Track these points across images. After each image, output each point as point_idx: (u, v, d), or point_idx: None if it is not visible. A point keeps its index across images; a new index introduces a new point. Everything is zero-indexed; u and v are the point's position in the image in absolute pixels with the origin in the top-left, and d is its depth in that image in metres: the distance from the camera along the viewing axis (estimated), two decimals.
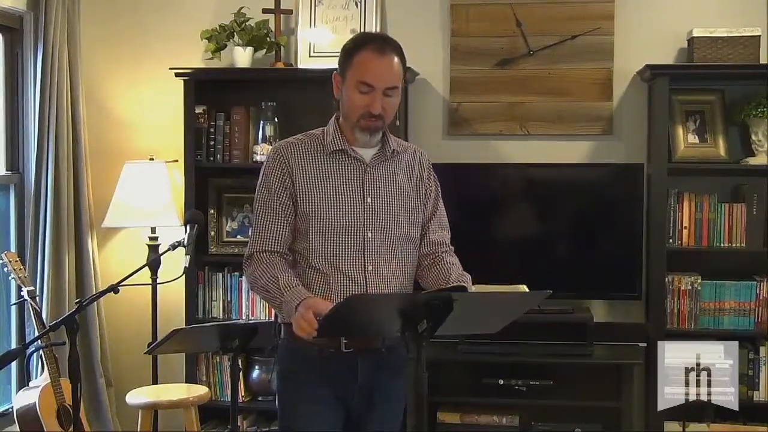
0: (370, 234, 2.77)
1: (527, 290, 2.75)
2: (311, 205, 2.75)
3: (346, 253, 2.75)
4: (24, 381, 4.15)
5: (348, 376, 2.77)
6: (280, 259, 2.78)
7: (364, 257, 2.76)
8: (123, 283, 3.05)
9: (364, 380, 2.78)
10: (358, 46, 2.77)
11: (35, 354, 4.09)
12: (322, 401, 2.78)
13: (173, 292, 4.45)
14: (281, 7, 4.57)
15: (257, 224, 2.82)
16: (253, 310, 4.53)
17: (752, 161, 4.30)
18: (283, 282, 2.71)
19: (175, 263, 3.89)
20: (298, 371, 2.81)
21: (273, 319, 2.99)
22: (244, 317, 4.51)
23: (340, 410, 2.81)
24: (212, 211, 4.58)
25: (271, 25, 4.56)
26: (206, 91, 4.52)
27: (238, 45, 4.51)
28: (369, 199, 2.78)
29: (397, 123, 2.83)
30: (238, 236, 4.59)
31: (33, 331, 4.03)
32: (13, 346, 4.32)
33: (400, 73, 2.78)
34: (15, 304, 4.24)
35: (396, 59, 2.76)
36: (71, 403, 3.03)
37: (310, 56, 4.58)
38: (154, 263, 4.21)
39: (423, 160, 2.94)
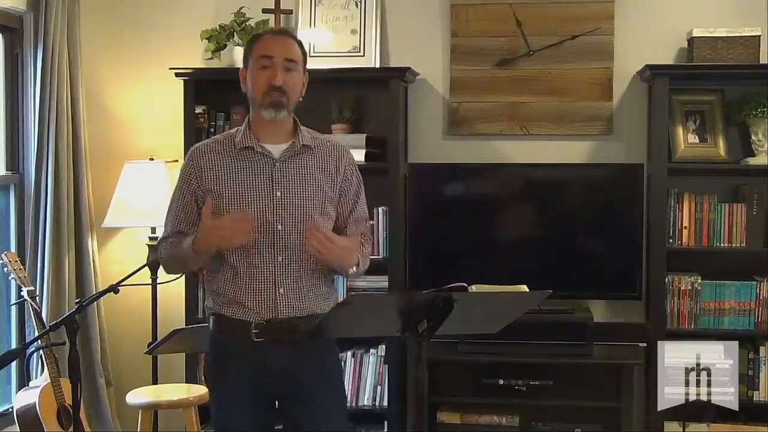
0: (280, 227, 2.82)
1: (527, 290, 2.75)
2: (223, 201, 2.83)
3: (256, 246, 2.81)
4: (24, 381, 4.15)
5: (260, 364, 2.82)
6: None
7: (274, 249, 2.83)
8: (123, 283, 3.05)
9: (280, 368, 2.82)
10: (258, 35, 3.01)
11: (35, 354, 4.09)
12: (245, 394, 2.84)
13: (173, 292, 4.46)
14: (281, 7, 4.56)
15: (167, 218, 3.00)
16: None
17: (752, 161, 4.30)
18: (174, 240, 2.93)
19: None
20: (221, 362, 2.89)
21: None
22: None
23: (265, 401, 2.87)
24: None
25: (271, 25, 4.56)
26: (206, 91, 4.52)
27: (238, 45, 4.51)
28: (278, 193, 2.84)
29: (301, 99, 2.92)
30: None
31: (33, 331, 4.03)
32: (13, 346, 4.32)
33: (299, 54, 2.91)
34: (15, 304, 4.24)
35: (295, 42, 2.92)
36: (71, 403, 3.03)
37: (310, 56, 4.54)
38: (154, 263, 4.21)
39: (342, 155, 2.98)
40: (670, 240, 4.32)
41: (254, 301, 2.82)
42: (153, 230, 4.53)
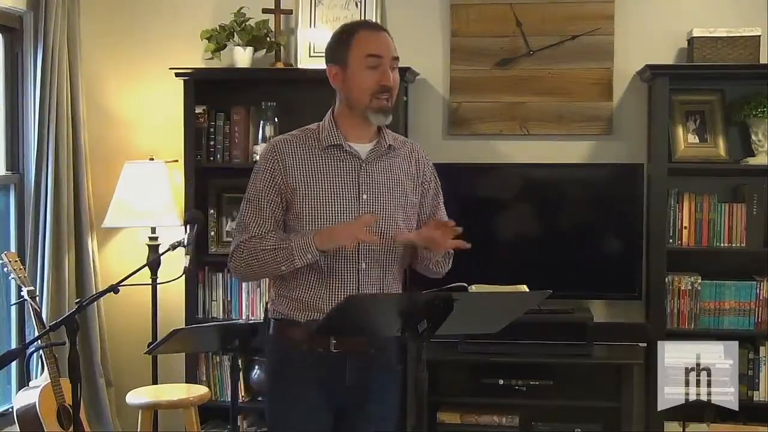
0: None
1: (527, 290, 2.75)
2: (307, 201, 2.71)
3: (342, 251, 2.70)
4: (24, 381, 4.15)
5: (336, 377, 2.73)
6: None
7: (358, 255, 2.72)
8: (123, 283, 3.05)
9: (352, 381, 2.73)
10: (352, 30, 2.76)
11: (35, 354, 4.09)
12: (310, 403, 2.73)
13: (173, 292, 4.45)
14: (281, 7, 4.57)
15: (243, 218, 2.77)
16: (253, 310, 4.53)
17: (752, 161, 4.30)
18: (279, 236, 2.71)
19: (175, 263, 3.90)
20: (287, 372, 2.76)
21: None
22: (244, 317, 4.51)
23: (330, 412, 2.76)
24: (212, 211, 4.58)
25: (271, 25, 4.56)
26: (206, 91, 4.52)
27: (238, 45, 4.51)
28: (365, 196, 2.73)
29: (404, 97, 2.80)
30: None
31: (33, 331, 4.03)
32: (13, 346, 4.32)
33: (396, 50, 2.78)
34: (15, 304, 4.24)
35: (391, 39, 2.77)
36: (71, 403, 3.03)
37: (310, 56, 4.58)
38: (154, 263, 4.21)
39: (421, 156, 2.90)
40: (670, 240, 4.32)
41: None
42: (153, 230, 4.53)
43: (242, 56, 4.51)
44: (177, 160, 4.60)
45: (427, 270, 2.93)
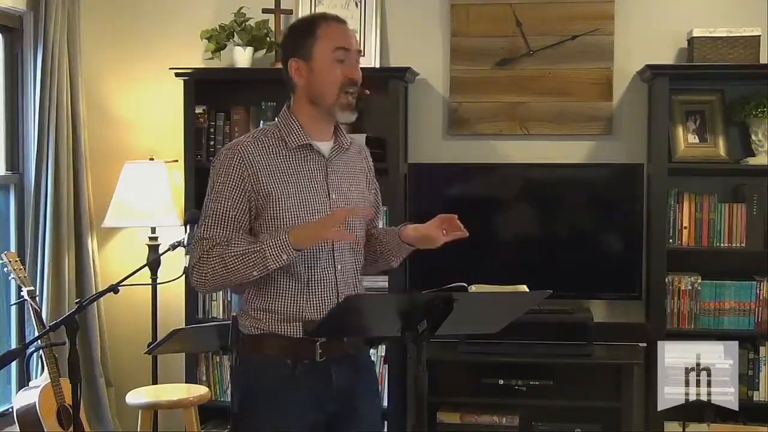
0: None
1: (527, 290, 2.74)
2: (282, 206, 2.58)
3: (319, 254, 2.63)
4: (24, 381, 4.15)
5: (323, 385, 2.65)
6: None
7: (333, 257, 2.65)
8: (123, 283, 3.06)
9: (339, 387, 2.66)
10: (316, 21, 2.65)
11: (35, 354, 4.09)
12: (300, 414, 2.63)
13: (173, 292, 4.46)
14: (281, 7, 4.57)
15: (206, 228, 2.59)
16: None
17: (752, 161, 4.30)
18: (247, 239, 2.56)
19: (175, 263, 3.90)
20: (274, 390, 2.63)
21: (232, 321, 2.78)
22: None
23: (320, 420, 2.67)
24: None
25: (271, 25, 4.56)
26: (206, 91, 4.52)
27: (238, 45, 4.51)
28: (334, 195, 2.66)
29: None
30: None
31: (33, 331, 4.03)
32: (13, 346, 4.32)
33: None
34: (15, 304, 4.24)
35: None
36: (71, 403, 3.03)
37: None
38: (154, 263, 4.21)
39: (367, 152, 2.87)
40: (670, 240, 4.32)
41: (318, 316, 2.58)
42: (153, 230, 4.53)
43: (242, 56, 4.51)
44: (177, 160, 4.60)
45: (376, 266, 2.90)
